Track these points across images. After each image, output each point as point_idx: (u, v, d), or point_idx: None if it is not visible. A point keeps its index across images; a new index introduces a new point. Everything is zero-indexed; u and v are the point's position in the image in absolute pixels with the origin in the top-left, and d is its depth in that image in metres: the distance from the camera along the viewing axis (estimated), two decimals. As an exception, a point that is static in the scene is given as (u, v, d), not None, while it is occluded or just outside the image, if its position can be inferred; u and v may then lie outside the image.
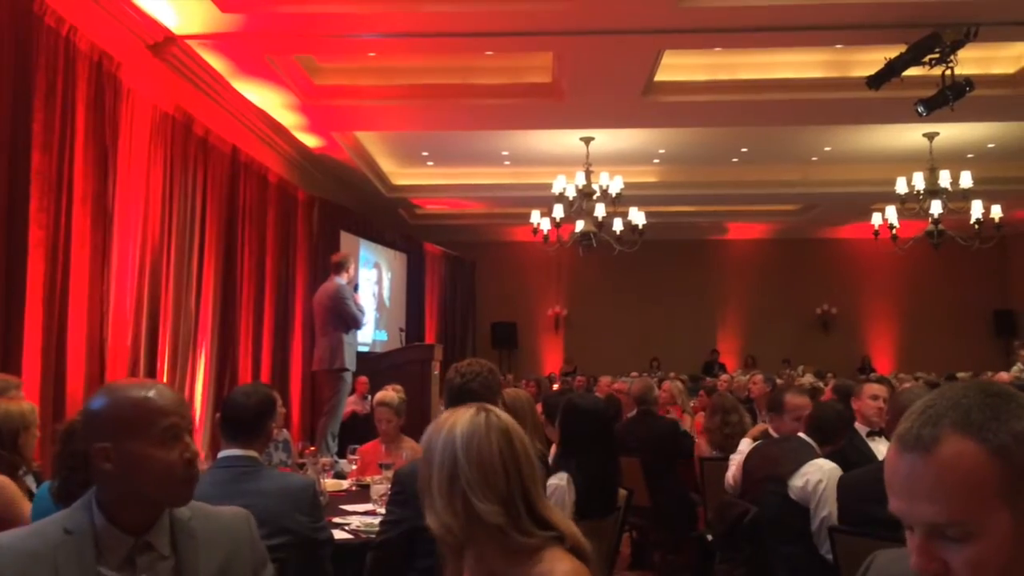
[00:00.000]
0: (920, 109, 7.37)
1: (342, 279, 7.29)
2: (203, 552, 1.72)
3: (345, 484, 4.06)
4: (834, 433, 3.36)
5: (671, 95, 9.00)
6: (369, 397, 9.09)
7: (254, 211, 9.01)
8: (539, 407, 8.86)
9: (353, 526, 3.06)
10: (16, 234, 5.12)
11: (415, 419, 6.85)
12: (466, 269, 16.38)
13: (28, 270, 5.19)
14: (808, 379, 8.04)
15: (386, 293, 13.38)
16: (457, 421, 1.68)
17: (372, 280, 12.84)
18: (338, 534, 3.00)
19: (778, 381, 9.04)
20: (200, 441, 7.60)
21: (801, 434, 3.38)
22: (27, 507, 2.77)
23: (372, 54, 8.22)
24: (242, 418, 2.67)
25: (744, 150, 11.86)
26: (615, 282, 15.60)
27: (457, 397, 2.71)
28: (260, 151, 9.37)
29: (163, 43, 7.15)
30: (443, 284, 15.58)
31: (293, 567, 2.40)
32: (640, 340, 15.72)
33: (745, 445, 3.85)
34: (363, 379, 9.54)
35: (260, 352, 9.01)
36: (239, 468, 2.58)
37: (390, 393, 4.70)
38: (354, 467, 4.41)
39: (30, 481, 3.28)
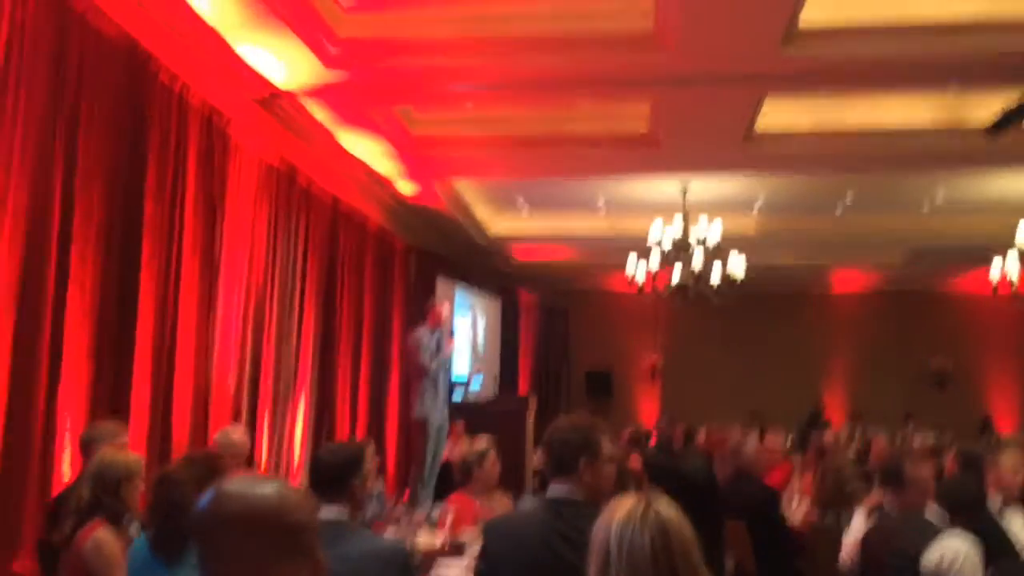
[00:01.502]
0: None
1: (423, 327, 7.31)
2: None
3: (439, 542, 3.98)
4: (970, 509, 3.10)
5: (773, 143, 8.78)
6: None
7: (353, 259, 9.19)
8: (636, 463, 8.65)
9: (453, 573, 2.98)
10: (129, 283, 5.31)
11: (509, 471, 6.77)
12: (560, 316, 16.29)
13: (139, 318, 5.36)
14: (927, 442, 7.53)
15: (480, 339, 13.40)
16: (617, 510, 1.62)
17: (467, 326, 12.90)
18: (434, 592, 2.92)
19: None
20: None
21: (930, 506, 3.13)
22: (121, 572, 2.78)
23: (469, 104, 8.32)
24: (327, 476, 2.65)
25: (849, 200, 11.43)
26: (713, 332, 15.22)
27: (550, 451, 2.63)
28: (359, 200, 9.57)
29: (269, 98, 7.40)
30: (537, 331, 15.53)
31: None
32: (740, 392, 15.22)
33: (859, 521, 3.58)
34: (460, 423, 9.52)
35: (357, 400, 9.12)
36: (332, 529, 2.50)
37: (481, 442, 4.63)
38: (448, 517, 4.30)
39: (134, 529, 3.32)
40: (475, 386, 12.63)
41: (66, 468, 4.61)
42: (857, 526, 3.59)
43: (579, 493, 2.54)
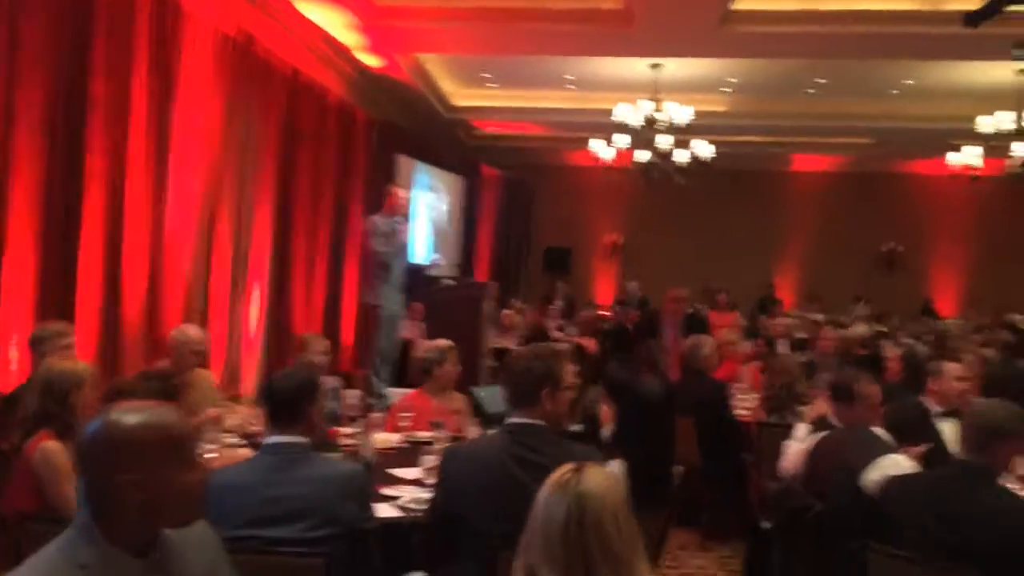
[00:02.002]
0: (1018, 53, 6.87)
1: (379, 215, 7.15)
2: (193, 563, 1.73)
3: (395, 440, 4.05)
4: (914, 434, 3.22)
5: (749, 24, 8.54)
6: (423, 324, 9.13)
7: (313, 134, 8.91)
8: (592, 346, 8.79)
9: (402, 501, 3.03)
10: (75, 166, 5.11)
11: (465, 364, 6.86)
12: (523, 192, 16.15)
13: (85, 202, 5.20)
14: (860, 329, 7.75)
15: (442, 216, 13.30)
16: (551, 478, 1.62)
17: (429, 203, 12.76)
18: (387, 509, 2.97)
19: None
20: (252, 377, 7.72)
21: (876, 428, 3.24)
22: (70, 484, 2.75)
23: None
24: (282, 402, 2.61)
25: (821, 81, 11.30)
26: (674, 210, 15.23)
27: (503, 384, 2.65)
28: (320, 72, 9.20)
29: (224, -39, 6.97)
30: (499, 207, 15.41)
31: (340, 559, 2.38)
32: (697, 270, 15.38)
33: (803, 431, 3.70)
34: (418, 304, 9.55)
35: (313, 283, 9.05)
36: (285, 455, 2.53)
37: (441, 341, 4.65)
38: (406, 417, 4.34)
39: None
40: (432, 259, 12.62)
41: (13, 367, 4.57)
42: (800, 435, 3.71)
43: (539, 420, 2.58)
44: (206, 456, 3.35)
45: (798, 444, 3.65)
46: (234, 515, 2.38)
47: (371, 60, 10.07)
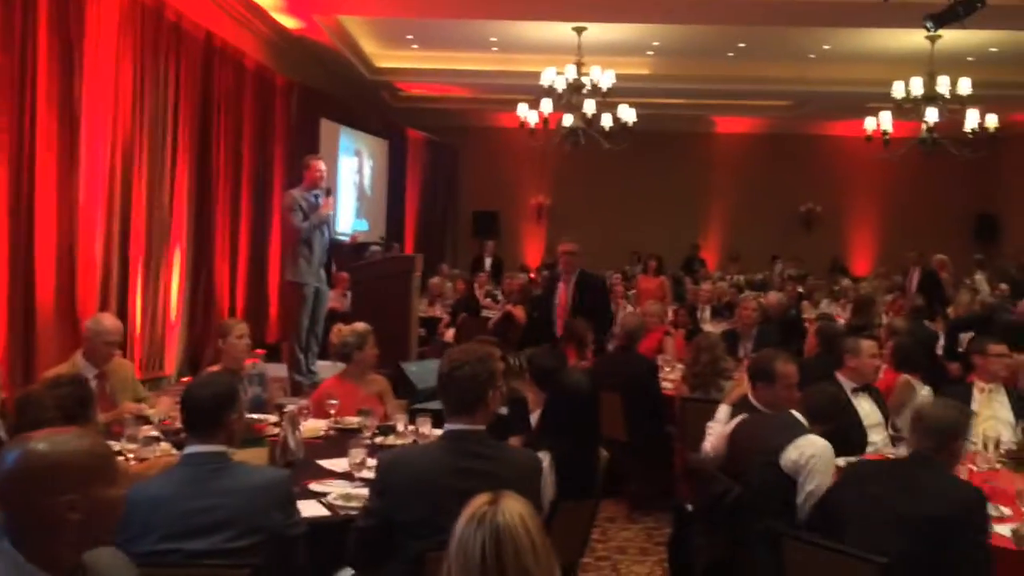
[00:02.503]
0: (928, 24, 7.04)
1: (297, 189, 6.90)
2: None
3: (322, 427, 4.01)
4: (829, 417, 3.34)
5: (670, -9, 8.57)
6: (349, 294, 9.02)
7: (230, 100, 8.63)
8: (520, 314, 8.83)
9: (331, 498, 3.01)
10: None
11: (394, 337, 6.81)
12: (449, 155, 16.01)
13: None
14: (777, 296, 7.95)
15: (367, 181, 13.09)
16: (467, 509, 1.61)
17: (353, 169, 12.55)
18: (315, 507, 2.95)
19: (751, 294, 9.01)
20: (175, 357, 7.53)
21: (793, 412, 3.34)
22: None
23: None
24: (200, 410, 2.54)
25: (741, 45, 11.45)
26: (600, 172, 15.30)
27: (442, 391, 2.61)
28: (236, 35, 8.89)
29: (129, -80, 6.63)
30: (425, 171, 15.25)
31: (266, 566, 2.35)
32: (623, 232, 15.60)
33: (723, 413, 3.79)
34: (343, 274, 9.43)
35: (237, 257, 8.83)
36: (206, 465, 2.47)
37: (359, 325, 4.59)
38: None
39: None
40: (356, 227, 12.46)
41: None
42: (722, 416, 3.80)
43: (480, 425, 2.58)
44: (127, 456, 3.27)
45: (719, 426, 3.74)
46: (154, 528, 2.33)
47: (289, 22, 9.77)
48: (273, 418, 3.99)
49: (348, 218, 12.26)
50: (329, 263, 7.39)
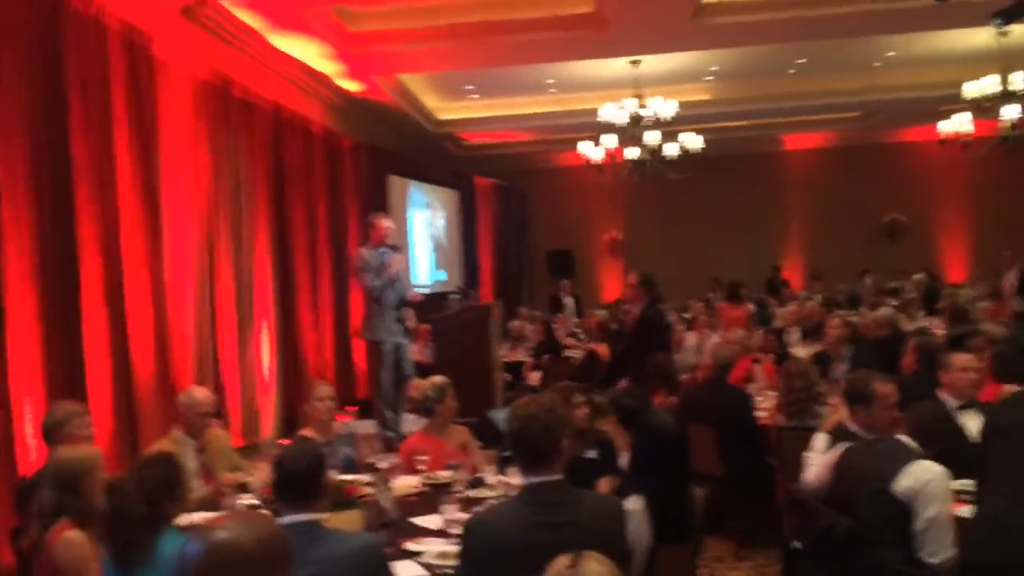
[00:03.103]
0: (997, 23, 6.78)
1: (365, 248, 7.04)
2: None
3: (414, 484, 4.00)
4: (935, 439, 3.15)
5: (722, 16, 8.51)
6: (431, 346, 9.08)
7: (301, 166, 8.89)
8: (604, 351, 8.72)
9: (426, 557, 2.98)
10: (67, 235, 5.06)
11: (480, 389, 6.82)
12: (518, 198, 16.12)
13: (82, 270, 5.14)
14: (883, 312, 7.59)
15: (441, 232, 13.27)
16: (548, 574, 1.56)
17: (426, 222, 12.73)
18: (412, 568, 2.92)
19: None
20: (271, 421, 7.69)
21: (900, 436, 3.17)
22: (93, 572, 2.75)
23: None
24: (297, 482, 2.57)
25: (801, 60, 11.25)
26: (671, 202, 15.18)
27: (515, 447, 2.55)
28: (302, 104, 9.17)
29: (194, 6, 6.92)
30: (496, 216, 15.38)
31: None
32: (701, 259, 15.40)
33: (821, 442, 3.62)
34: (425, 327, 9.51)
35: (320, 314, 9.02)
36: (304, 535, 2.47)
37: (437, 378, 4.59)
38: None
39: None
40: (436, 279, 12.60)
41: (31, 442, 4.52)
42: (819, 446, 3.64)
43: (557, 476, 2.52)
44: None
45: (818, 456, 3.58)
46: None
47: (351, 85, 10.05)
48: (365, 478, 4.00)
49: (426, 270, 12.42)
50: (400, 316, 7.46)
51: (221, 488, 3.83)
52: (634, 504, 2.85)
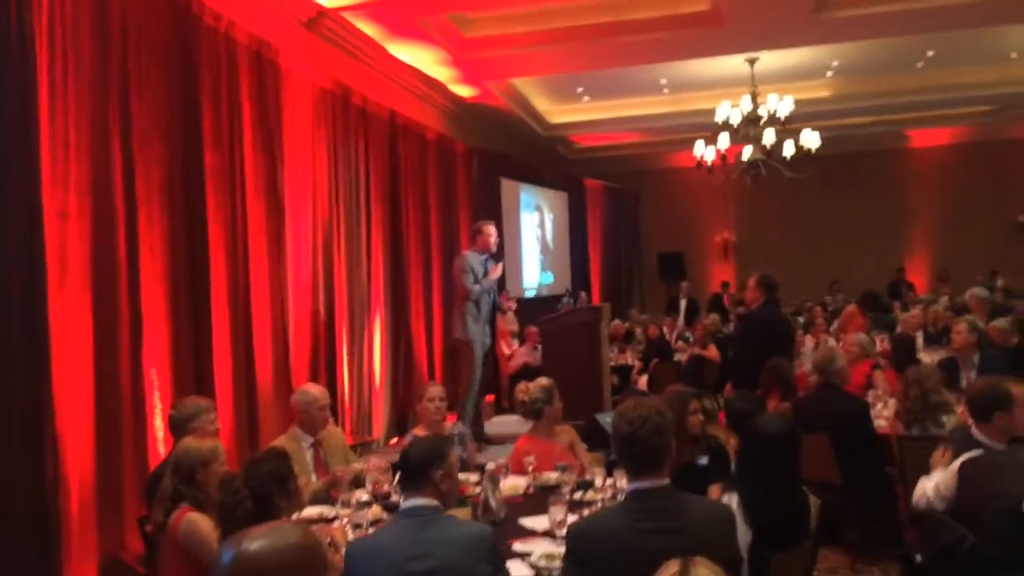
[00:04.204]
0: None
1: (471, 252, 7.29)
2: None
3: (522, 485, 4.04)
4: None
5: (847, 8, 8.21)
6: (539, 348, 9.14)
7: (415, 171, 9.10)
8: (713, 353, 8.59)
9: (534, 558, 3.02)
10: (198, 238, 5.35)
11: (588, 391, 6.84)
12: (629, 200, 16.03)
13: (211, 272, 5.42)
14: (1001, 323, 7.11)
15: (549, 235, 13.32)
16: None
17: (535, 223, 12.80)
18: (519, 568, 2.96)
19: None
20: (382, 421, 7.91)
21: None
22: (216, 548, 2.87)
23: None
24: (412, 469, 2.73)
25: (931, 53, 10.74)
26: (786, 201, 14.75)
27: (622, 451, 2.55)
28: (417, 110, 9.39)
29: (316, 17, 7.19)
30: (606, 218, 15.33)
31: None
32: (817, 261, 14.93)
33: (945, 475, 3.45)
34: (533, 329, 9.60)
35: (432, 317, 9.21)
36: (420, 517, 2.63)
37: (543, 380, 4.59)
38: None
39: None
40: (543, 281, 12.67)
41: (160, 434, 4.80)
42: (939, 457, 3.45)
43: (664, 481, 2.51)
44: (341, 520, 3.43)
45: (942, 470, 3.40)
46: (383, 574, 2.49)
47: (465, 91, 10.21)
48: (474, 477, 4.07)
49: (533, 272, 12.49)
50: (493, 320, 7.63)
51: (336, 480, 3.97)
52: (728, 498, 2.81)
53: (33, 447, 3.94)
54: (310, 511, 3.72)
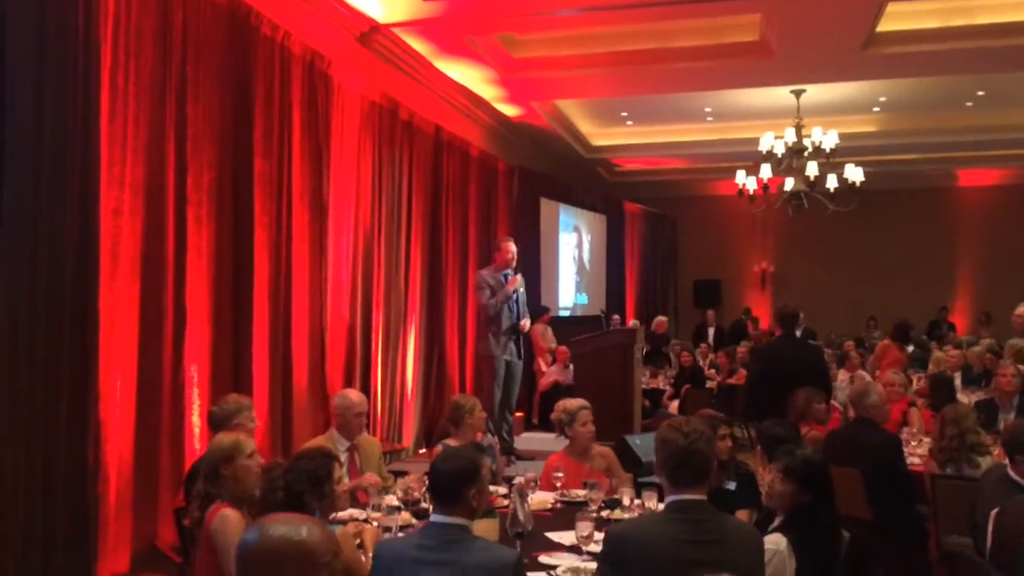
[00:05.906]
0: None
1: (487, 269, 7.49)
2: None
3: (550, 500, 4.07)
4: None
5: (896, 46, 8.20)
6: (570, 367, 9.17)
7: (457, 186, 9.20)
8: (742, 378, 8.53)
9: (559, 571, 3.04)
10: (243, 241, 5.47)
11: (619, 413, 6.85)
12: (667, 226, 16.02)
13: (255, 274, 5.54)
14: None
15: (586, 256, 13.35)
16: None
17: (572, 244, 12.85)
18: (545, 581, 2.99)
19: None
20: (412, 430, 7.99)
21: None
22: None
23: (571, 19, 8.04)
24: (442, 485, 2.64)
25: (981, 93, 10.66)
26: (827, 234, 14.64)
27: (676, 462, 2.58)
28: (461, 126, 9.51)
29: (369, 32, 7.34)
30: (643, 242, 15.33)
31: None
32: (857, 296, 14.78)
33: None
34: (563, 348, 9.63)
35: (466, 331, 9.28)
36: (444, 536, 2.56)
37: (571, 402, 4.59)
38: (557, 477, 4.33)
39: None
40: (577, 302, 12.69)
41: (196, 430, 4.91)
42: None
43: (703, 496, 2.56)
44: (371, 523, 3.49)
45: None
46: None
47: (510, 110, 10.33)
48: (503, 489, 4.11)
49: (569, 292, 12.53)
50: (517, 336, 7.64)
51: (363, 486, 4.02)
52: (778, 543, 2.82)
53: (76, 432, 4.05)
54: (340, 513, 3.78)
